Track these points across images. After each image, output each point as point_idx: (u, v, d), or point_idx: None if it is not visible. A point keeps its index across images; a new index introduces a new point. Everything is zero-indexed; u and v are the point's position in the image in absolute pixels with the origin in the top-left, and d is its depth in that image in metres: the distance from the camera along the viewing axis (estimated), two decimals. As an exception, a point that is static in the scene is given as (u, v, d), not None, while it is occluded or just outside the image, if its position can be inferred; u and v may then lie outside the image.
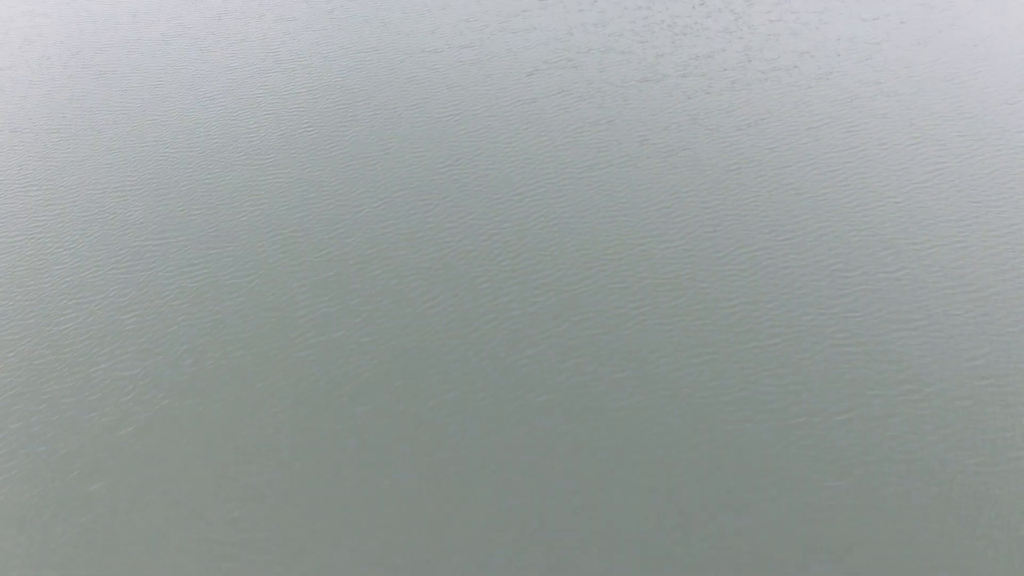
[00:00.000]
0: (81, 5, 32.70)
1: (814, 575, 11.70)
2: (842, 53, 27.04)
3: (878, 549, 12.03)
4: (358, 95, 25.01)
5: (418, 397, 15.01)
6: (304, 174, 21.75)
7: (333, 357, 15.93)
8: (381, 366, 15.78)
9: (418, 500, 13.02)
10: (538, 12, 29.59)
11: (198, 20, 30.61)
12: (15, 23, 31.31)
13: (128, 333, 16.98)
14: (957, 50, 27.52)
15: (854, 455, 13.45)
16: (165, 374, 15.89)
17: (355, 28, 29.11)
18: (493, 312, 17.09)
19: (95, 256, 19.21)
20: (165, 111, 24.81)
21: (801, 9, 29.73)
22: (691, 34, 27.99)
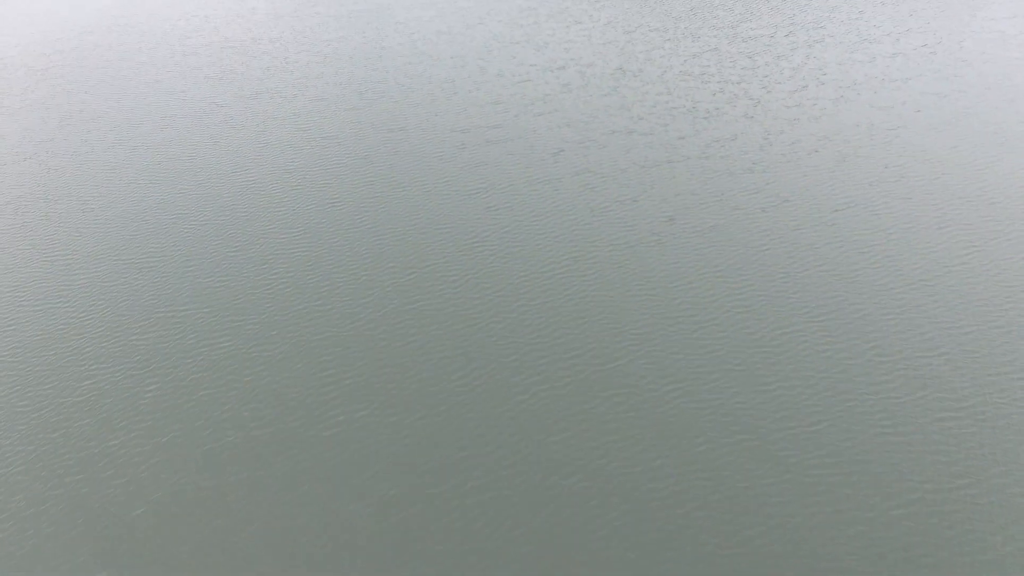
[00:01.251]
0: (118, 83, 34.00)
1: None
2: (861, 138, 27.47)
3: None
4: (386, 172, 25.41)
5: (445, 480, 14.30)
6: (331, 250, 21.79)
7: (359, 436, 15.35)
8: (407, 447, 15.15)
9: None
10: (561, 96, 30.47)
11: (233, 99, 31.66)
12: (56, 102, 32.48)
13: (146, 405, 16.51)
14: (975, 136, 27.91)
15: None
16: (183, 450, 15.31)
17: (385, 108, 29.97)
18: (521, 392, 16.57)
19: (117, 325, 19.00)
20: (196, 184, 25.23)
21: (818, 96, 30.48)
22: (711, 118, 28.62)
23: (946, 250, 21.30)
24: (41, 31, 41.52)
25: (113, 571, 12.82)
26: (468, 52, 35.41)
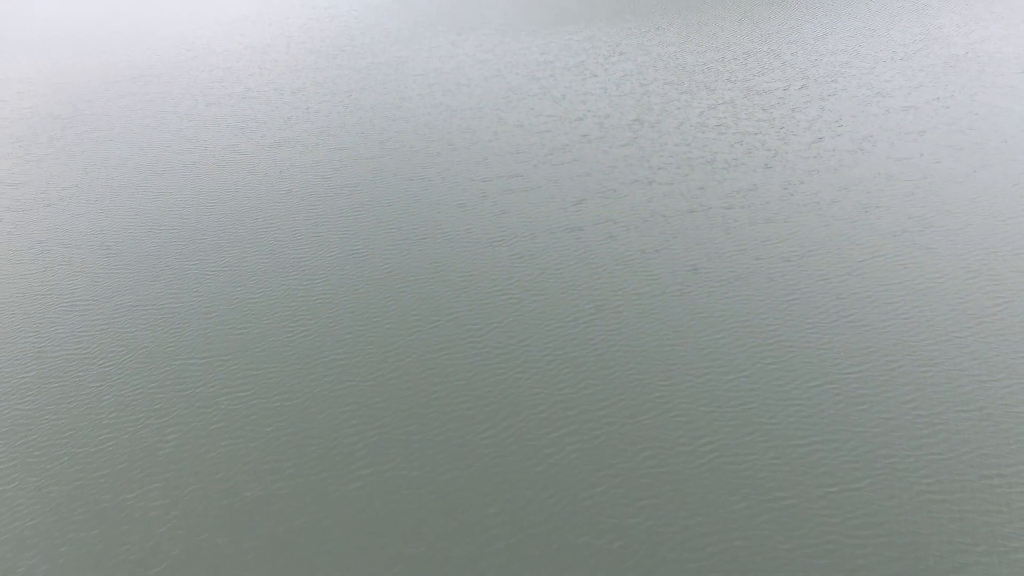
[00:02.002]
0: (142, 132, 34.56)
1: None
2: (882, 189, 27.45)
3: None
4: (409, 221, 25.45)
5: (473, 539, 13.72)
6: (354, 299, 21.62)
7: (383, 492, 14.83)
8: (434, 504, 14.61)
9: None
10: (581, 146, 30.74)
11: (255, 148, 32.07)
12: (80, 150, 32.97)
13: (164, 457, 16.08)
14: (996, 188, 27.85)
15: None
16: (200, 505, 14.81)
17: (406, 157, 30.26)
18: (549, 446, 16.08)
19: (136, 372, 18.71)
20: (218, 231, 25.29)
21: (835, 148, 30.63)
22: (730, 168, 28.73)
23: (976, 303, 20.94)
24: (69, 81, 42.55)
25: (128, 636, 12.24)
26: (487, 103, 35.97)
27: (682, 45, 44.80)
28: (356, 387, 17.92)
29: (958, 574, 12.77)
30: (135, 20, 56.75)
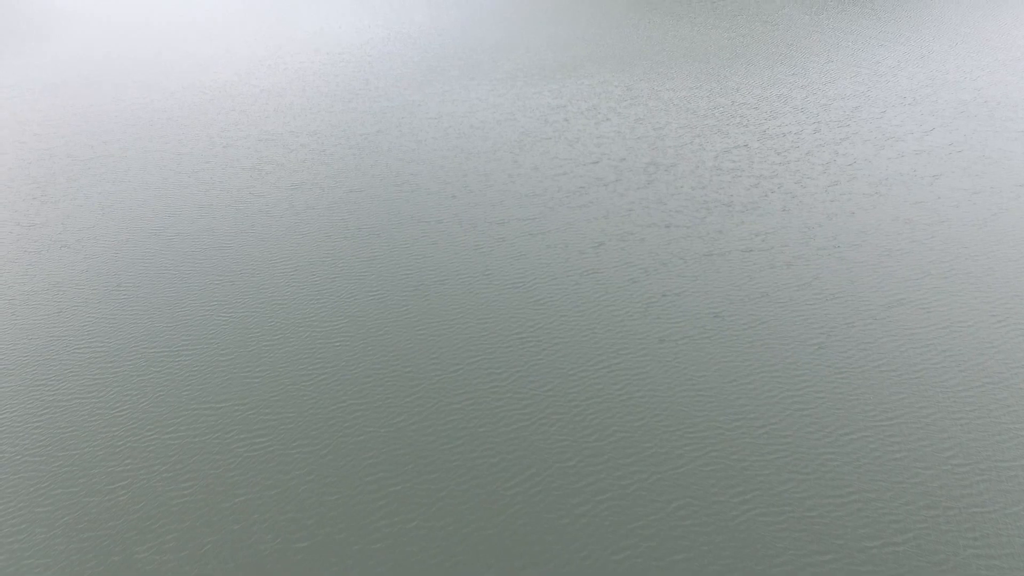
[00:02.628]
0: (158, 174, 34.75)
1: None
2: (901, 233, 27.26)
3: None
4: (426, 263, 25.27)
5: (505, 600, 13.10)
6: (372, 344, 21.28)
7: (408, 550, 14.24)
8: (460, 562, 14.01)
9: None
10: (597, 189, 30.74)
11: (270, 189, 32.16)
12: (97, 191, 33.12)
13: (177, 509, 15.54)
14: (1016, 233, 27.64)
15: None
16: (216, 562, 14.23)
17: (422, 200, 30.28)
18: (582, 503, 15.52)
19: (150, 419, 18.27)
20: (234, 274, 25.11)
21: (851, 191, 30.58)
22: (748, 211, 28.63)
23: (1010, 349, 20.50)
24: (87, 123, 43.09)
25: None
26: (501, 146, 36.20)
27: (693, 90, 45.34)
28: (376, 436, 17.45)
29: (1018, 642, 12.08)
30: (152, 64, 57.87)
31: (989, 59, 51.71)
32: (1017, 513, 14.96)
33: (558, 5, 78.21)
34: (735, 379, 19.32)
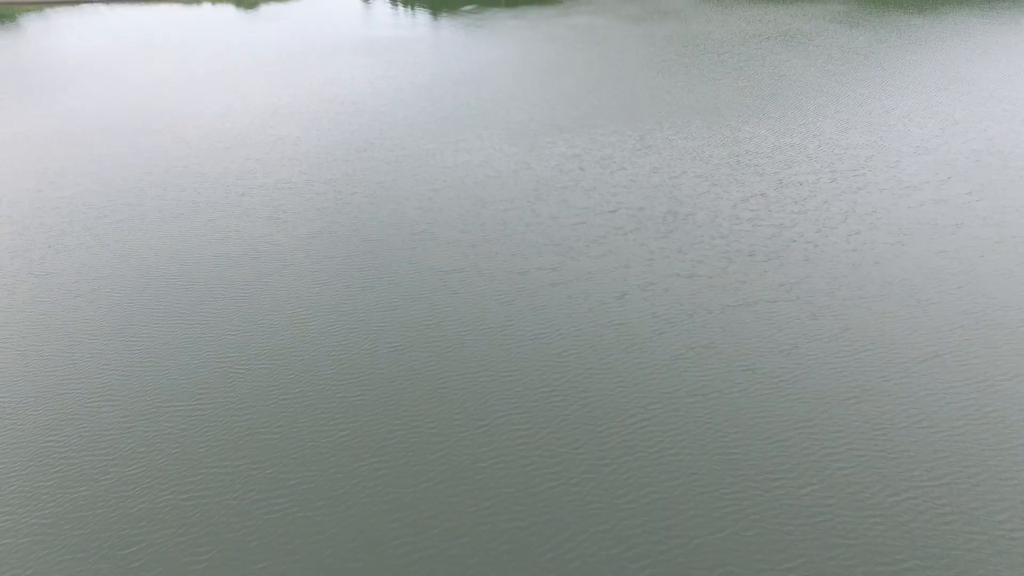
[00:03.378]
0: (174, 222, 34.71)
1: None
2: (929, 283, 26.82)
3: None
4: (447, 315, 24.83)
5: None
6: (392, 396, 20.69)
7: (440, 621, 13.40)
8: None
9: None
10: (616, 238, 30.50)
11: (287, 238, 32.01)
12: (112, 240, 33.02)
13: (193, 561, 14.75)
14: (1045, 283, 27.18)
15: None
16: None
17: (440, 249, 30.04)
18: (610, 564, 14.70)
19: (163, 485, 17.58)
20: (251, 324, 24.70)
21: (873, 240, 30.28)
22: (771, 261, 28.28)
23: (1054, 406, 19.77)
24: (103, 171, 43.38)
25: None
26: (518, 195, 36.19)
27: (706, 140, 45.63)
28: (401, 497, 16.71)
29: None
30: (168, 113, 58.78)
31: (996, 109, 52.14)
32: (1084, 585, 14.08)
33: (566, 60, 79.85)
34: (770, 436, 18.61)
